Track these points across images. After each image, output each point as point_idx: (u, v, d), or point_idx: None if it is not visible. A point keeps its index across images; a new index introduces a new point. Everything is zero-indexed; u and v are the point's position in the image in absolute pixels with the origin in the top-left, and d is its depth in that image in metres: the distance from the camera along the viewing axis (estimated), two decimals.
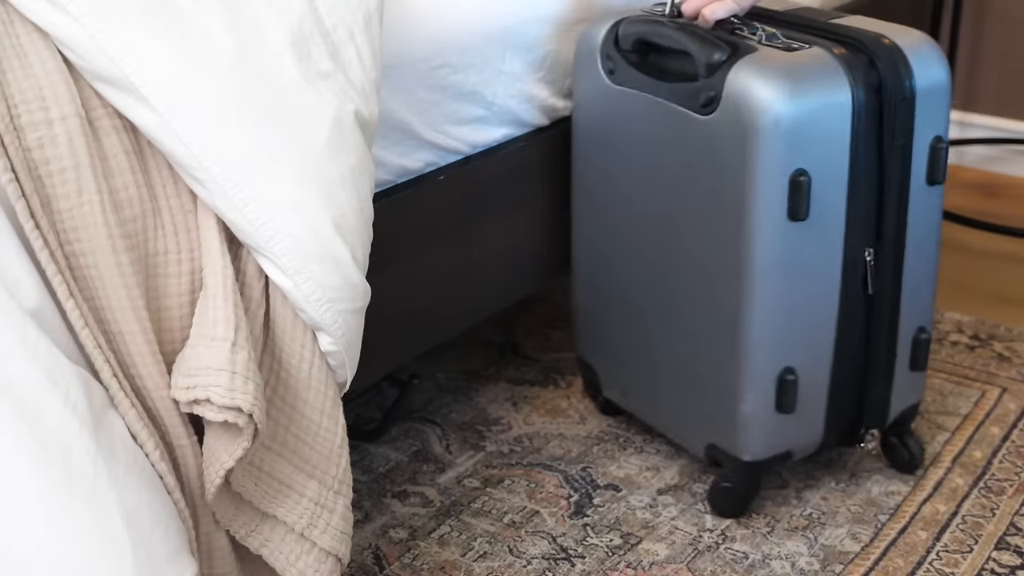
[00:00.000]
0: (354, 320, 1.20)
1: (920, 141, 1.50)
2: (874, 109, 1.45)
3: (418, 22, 1.49)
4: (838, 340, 1.51)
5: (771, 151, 1.40)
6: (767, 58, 1.43)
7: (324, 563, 1.16)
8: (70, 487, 0.97)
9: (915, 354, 1.58)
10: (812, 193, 1.42)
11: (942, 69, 1.52)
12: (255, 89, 1.13)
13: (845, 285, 1.49)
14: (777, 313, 1.47)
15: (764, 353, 1.49)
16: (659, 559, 1.51)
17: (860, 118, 1.44)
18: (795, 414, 1.51)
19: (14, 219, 1.04)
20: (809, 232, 1.44)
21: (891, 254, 1.51)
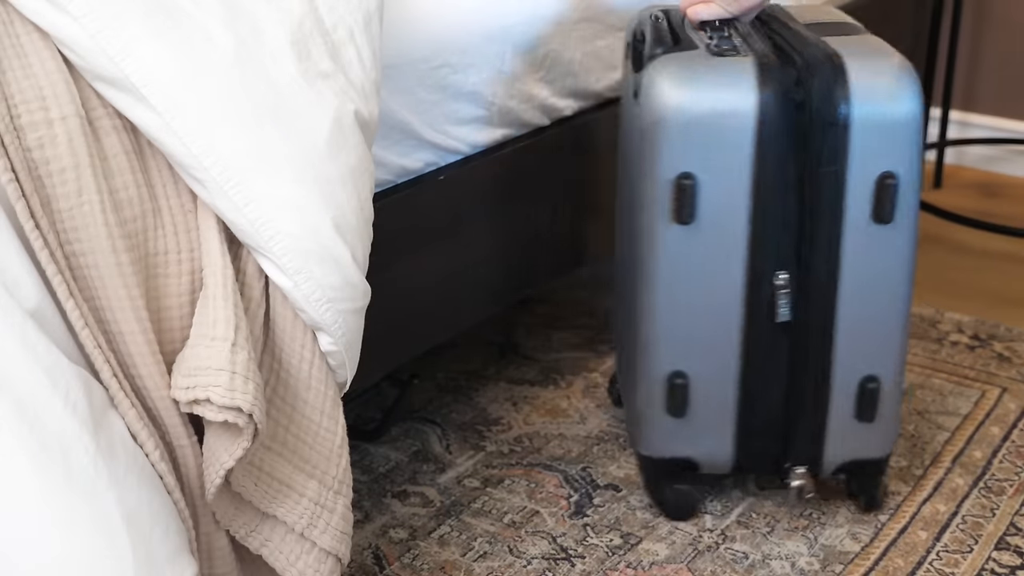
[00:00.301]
0: (354, 320, 1.20)
1: (861, 173, 1.40)
2: (791, 126, 1.40)
3: (418, 22, 1.49)
4: (744, 359, 1.48)
5: (659, 149, 1.40)
6: (688, 59, 1.42)
7: (324, 563, 1.16)
8: (70, 487, 0.97)
9: (861, 404, 1.49)
10: (700, 198, 1.40)
11: (909, 102, 1.40)
12: (255, 89, 1.13)
13: (749, 303, 1.45)
14: (666, 314, 1.46)
15: (654, 353, 1.48)
16: (659, 559, 1.51)
17: (768, 131, 1.39)
18: (689, 420, 1.50)
19: (14, 219, 1.04)
20: (698, 238, 1.42)
21: (819, 288, 1.44)
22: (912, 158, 1.41)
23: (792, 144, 1.41)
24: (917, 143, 1.41)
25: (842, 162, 1.40)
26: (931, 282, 2.20)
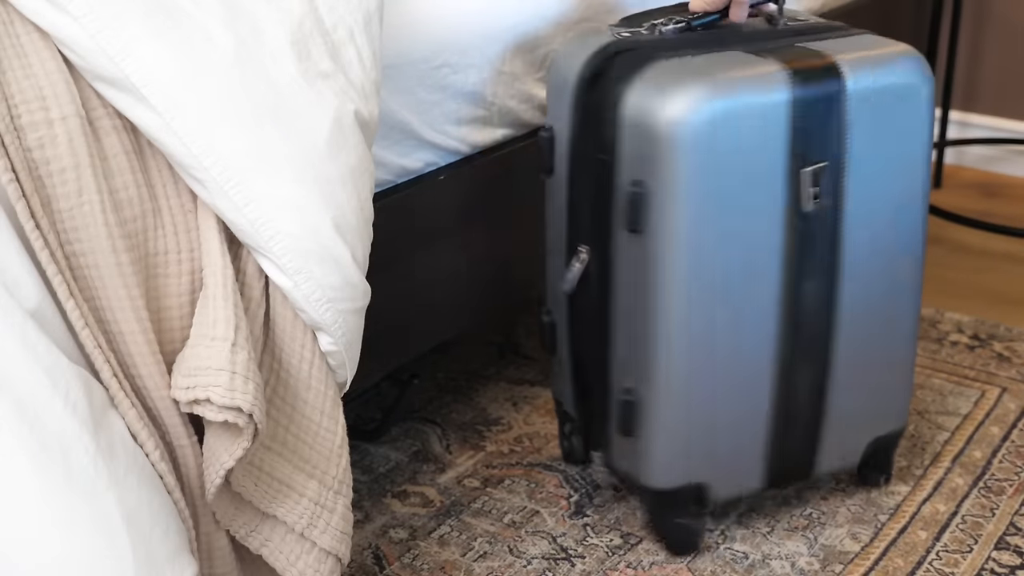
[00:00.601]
0: (354, 320, 1.20)
1: (620, 179, 1.39)
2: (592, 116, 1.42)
3: (418, 22, 1.49)
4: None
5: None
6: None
7: (324, 563, 1.16)
8: (70, 487, 0.97)
9: (621, 417, 1.47)
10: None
11: (675, 119, 1.33)
12: (255, 89, 1.13)
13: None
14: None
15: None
16: (659, 559, 1.51)
17: (576, 116, 1.45)
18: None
19: (14, 219, 1.04)
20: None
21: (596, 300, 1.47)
22: (658, 174, 1.36)
23: (592, 133, 1.45)
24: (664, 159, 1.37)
25: (611, 153, 1.40)
26: (931, 282, 2.20)
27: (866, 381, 1.52)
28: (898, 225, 1.48)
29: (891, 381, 1.55)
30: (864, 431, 1.56)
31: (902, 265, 1.50)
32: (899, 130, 1.44)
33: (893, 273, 1.50)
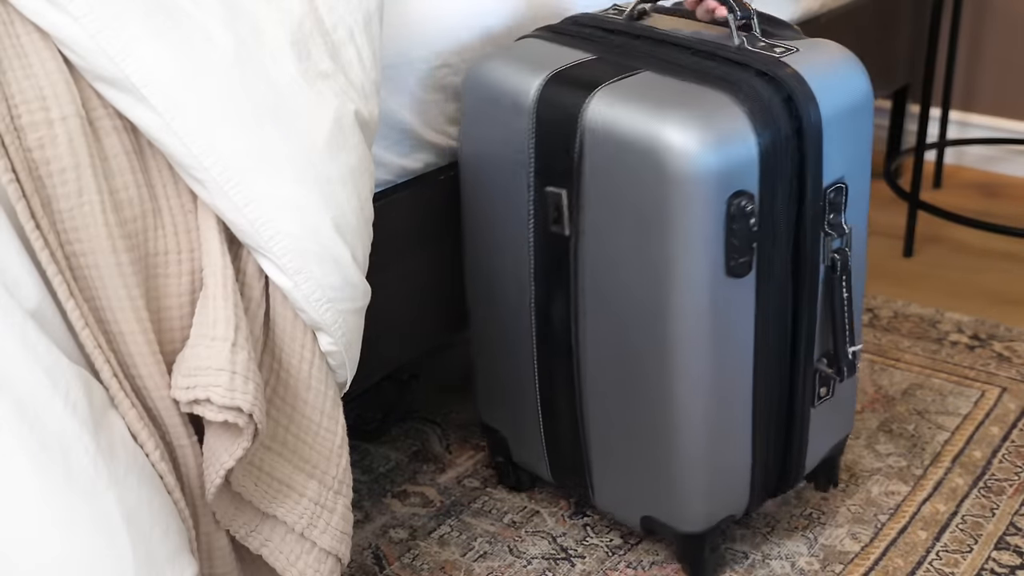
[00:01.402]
0: (354, 320, 1.20)
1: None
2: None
3: (418, 22, 1.49)
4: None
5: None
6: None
7: (324, 563, 1.16)
8: (70, 487, 0.97)
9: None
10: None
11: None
12: (255, 89, 1.13)
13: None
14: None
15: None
16: (659, 559, 1.51)
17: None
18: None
19: (14, 219, 1.04)
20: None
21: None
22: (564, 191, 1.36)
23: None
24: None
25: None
26: (931, 282, 2.20)
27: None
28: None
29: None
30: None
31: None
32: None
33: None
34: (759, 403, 1.40)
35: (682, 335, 1.33)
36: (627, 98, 1.31)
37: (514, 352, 1.51)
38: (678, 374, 1.35)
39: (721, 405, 1.37)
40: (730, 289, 1.32)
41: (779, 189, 1.32)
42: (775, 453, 1.46)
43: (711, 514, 1.43)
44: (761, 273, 1.33)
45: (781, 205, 1.32)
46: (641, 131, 1.28)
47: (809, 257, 1.37)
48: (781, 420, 1.44)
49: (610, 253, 1.36)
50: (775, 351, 1.39)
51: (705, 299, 1.31)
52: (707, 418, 1.37)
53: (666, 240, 1.30)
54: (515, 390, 1.53)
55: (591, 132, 1.32)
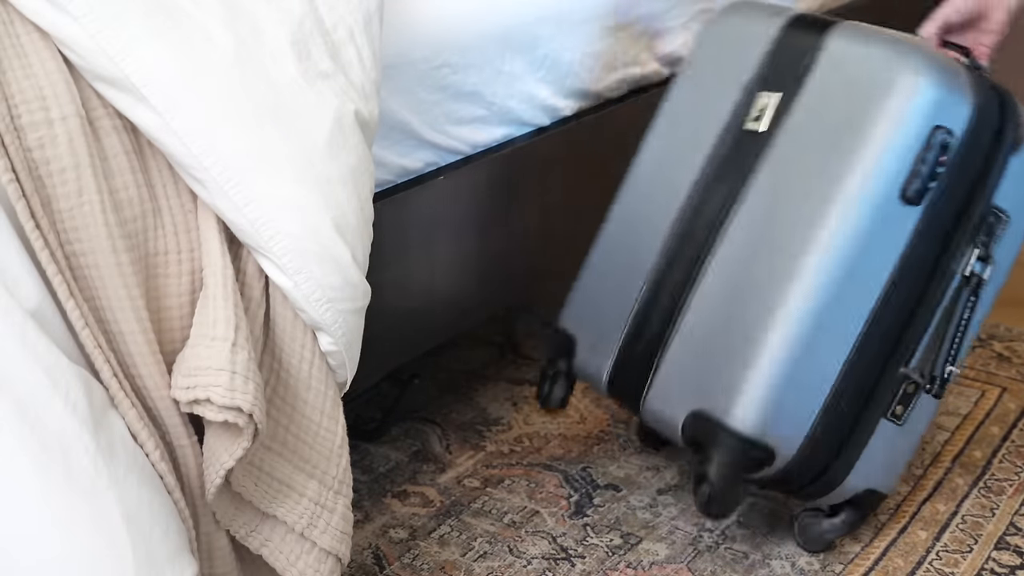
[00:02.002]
0: (354, 320, 1.20)
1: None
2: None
3: (418, 22, 1.49)
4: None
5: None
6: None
7: (324, 563, 1.16)
8: (70, 487, 0.97)
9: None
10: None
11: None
12: (255, 89, 1.13)
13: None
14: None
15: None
16: (659, 559, 1.51)
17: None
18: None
19: (14, 219, 1.04)
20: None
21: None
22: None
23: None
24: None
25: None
26: None
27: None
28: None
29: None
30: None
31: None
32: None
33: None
34: (852, 361, 1.41)
35: (827, 242, 1.37)
36: (868, 36, 1.47)
37: (635, 254, 1.55)
38: (801, 278, 1.37)
39: (823, 333, 1.38)
40: (893, 216, 1.38)
41: (970, 156, 1.39)
42: (834, 435, 1.44)
43: (764, 426, 1.39)
44: (926, 212, 1.38)
45: (965, 172, 1.39)
46: (878, 57, 1.42)
47: (954, 255, 1.41)
48: (853, 407, 1.44)
49: (797, 153, 1.44)
50: (889, 321, 1.41)
51: (867, 217, 1.36)
52: (804, 335, 1.38)
53: (858, 146, 1.38)
54: (616, 291, 1.56)
55: (827, 52, 1.46)
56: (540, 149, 1.68)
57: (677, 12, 1.86)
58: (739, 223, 1.46)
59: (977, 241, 1.42)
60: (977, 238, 1.42)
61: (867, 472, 1.47)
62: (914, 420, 1.48)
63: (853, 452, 1.45)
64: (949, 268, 1.42)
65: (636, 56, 1.81)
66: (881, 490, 1.51)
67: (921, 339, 1.43)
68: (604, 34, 1.75)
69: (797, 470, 1.45)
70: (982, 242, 1.42)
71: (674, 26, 1.87)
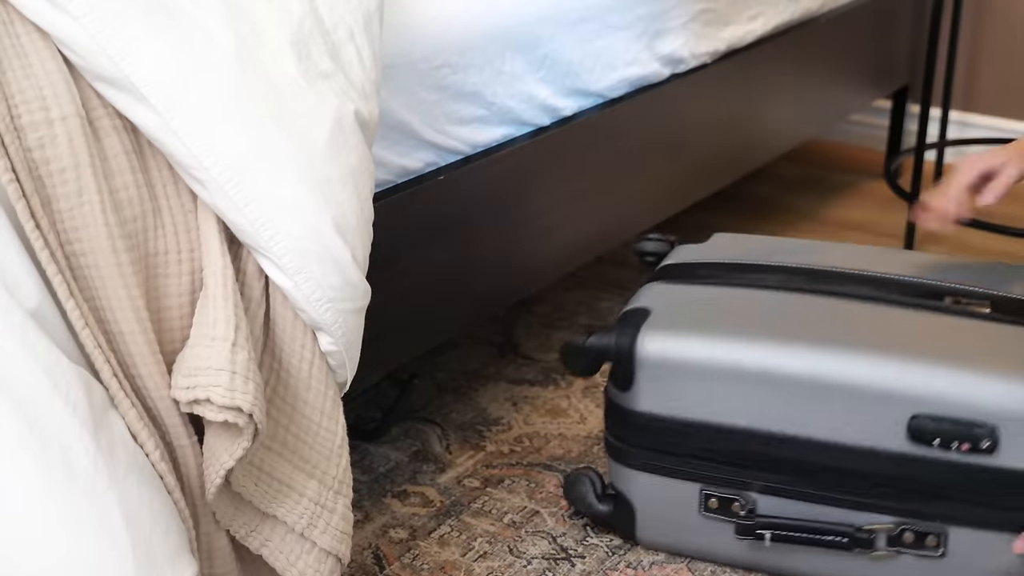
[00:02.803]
0: (354, 320, 1.20)
1: None
2: None
3: (418, 22, 1.49)
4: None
5: None
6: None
7: (324, 563, 1.16)
8: (70, 487, 0.97)
9: None
10: None
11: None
12: (255, 89, 1.13)
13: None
14: None
15: None
16: (659, 559, 1.51)
17: None
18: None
19: (14, 219, 1.04)
20: None
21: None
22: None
23: None
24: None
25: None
26: None
27: None
28: None
29: None
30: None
31: None
32: None
33: None
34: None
35: None
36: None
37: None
38: None
39: None
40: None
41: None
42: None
43: None
44: None
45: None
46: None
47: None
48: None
49: None
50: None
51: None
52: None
53: None
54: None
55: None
56: (540, 149, 1.68)
57: (677, 12, 1.87)
58: None
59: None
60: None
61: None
62: None
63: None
64: None
65: (636, 56, 1.81)
66: None
67: None
68: (604, 34, 1.75)
69: None
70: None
71: (674, 26, 1.87)
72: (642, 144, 1.86)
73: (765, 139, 2.21)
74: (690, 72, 1.94)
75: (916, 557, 1.39)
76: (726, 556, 1.47)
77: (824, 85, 2.34)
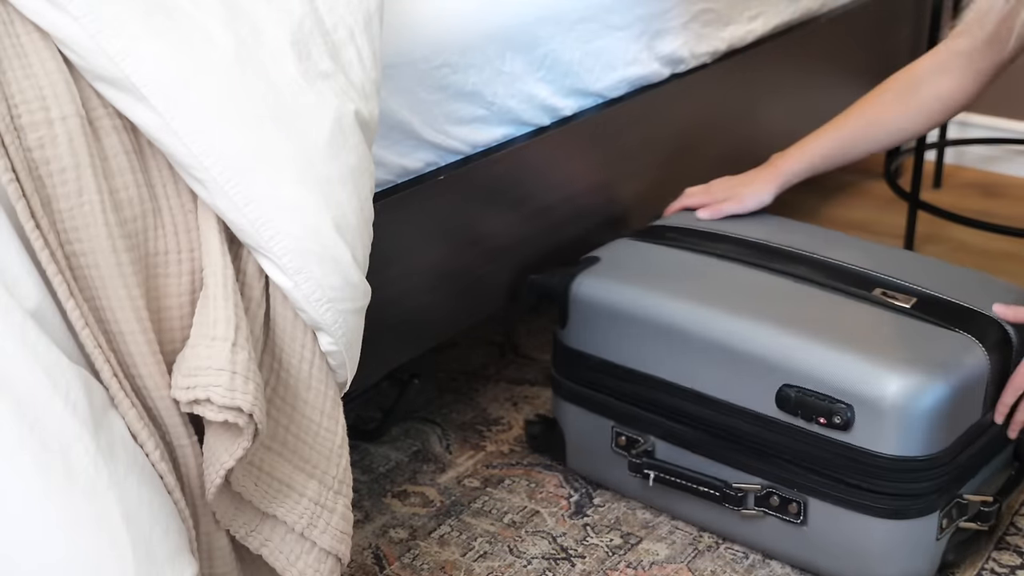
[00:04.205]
0: (354, 320, 1.20)
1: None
2: None
3: (418, 22, 1.49)
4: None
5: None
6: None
7: (324, 563, 1.16)
8: (70, 487, 0.97)
9: None
10: None
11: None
12: (255, 89, 1.13)
13: None
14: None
15: None
16: (659, 559, 1.51)
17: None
18: None
19: (14, 219, 1.04)
20: None
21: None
22: None
23: None
24: None
25: None
26: None
27: None
28: None
29: None
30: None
31: None
32: None
33: None
34: None
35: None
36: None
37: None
38: None
39: None
40: None
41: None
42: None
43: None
44: None
45: None
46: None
47: None
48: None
49: None
50: None
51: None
52: None
53: None
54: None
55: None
56: (540, 149, 1.68)
57: (677, 12, 1.87)
58: None
59: None
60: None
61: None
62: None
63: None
64: None
65: (636, 56, 1.81)
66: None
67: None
68: (604, 34, 1.75)
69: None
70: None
71: (674, 26, 1.87)
72: (642, 144, 1.86)
73: (765, 139, 2.21)
74: (690, 72, 1.94)
75: (781, 521, 1.48)
76: (631, 492, 1.62)
77: (824, 85, 2.34)
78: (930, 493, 1.40)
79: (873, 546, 1.42)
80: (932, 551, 1.43)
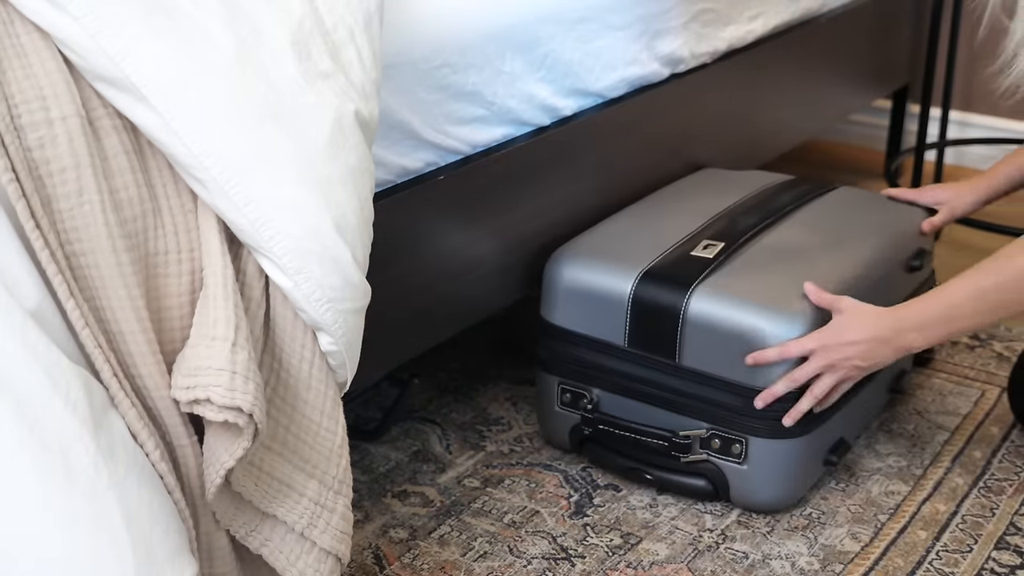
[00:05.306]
0: (354, 320, 1.20)
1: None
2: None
3: (418, 22, 1.49)
4: None
5: None
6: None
7: (324, 563, 1.16)
8: (70, 487, 0.97)
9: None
10: None
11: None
12: (255, 89, 1.13)
13: None
14: None
15: None
16: (659, 559, 1.51)
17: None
18: None
19: (14, 219, 1.04)
20: None
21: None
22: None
23: None
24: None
25: None
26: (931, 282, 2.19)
27: None
28: None
29: None
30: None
31: None
32: None
33: None
34: None
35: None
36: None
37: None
38: None
39: None
40: None
41: None
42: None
43: None
44: None
45: None
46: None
47: None
48: None
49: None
50: None
51: None
52: None
53: None
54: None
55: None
56: (540, 149, 1.68)
57: (677, 12, 1.87)
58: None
59: None
60: None
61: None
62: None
63: None
64: None
65: (636, 56, 1.81)
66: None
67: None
68: (604, 34, 1.75)
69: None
70: None
71: (674, 26, 1.87)
72: (642, 144, 1.86)
73: (765, 139, 2.21)
74: (690, 72, 1.94)
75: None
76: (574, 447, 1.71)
77: (824, 85, 2.34)
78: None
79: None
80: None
